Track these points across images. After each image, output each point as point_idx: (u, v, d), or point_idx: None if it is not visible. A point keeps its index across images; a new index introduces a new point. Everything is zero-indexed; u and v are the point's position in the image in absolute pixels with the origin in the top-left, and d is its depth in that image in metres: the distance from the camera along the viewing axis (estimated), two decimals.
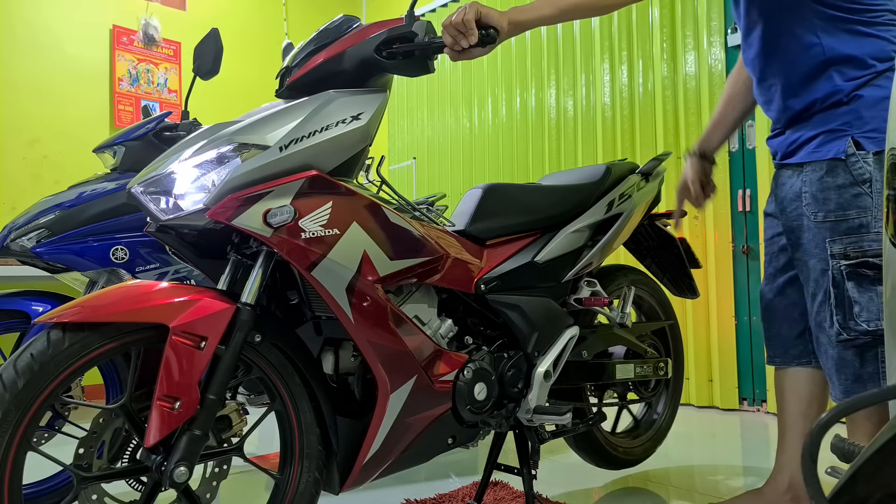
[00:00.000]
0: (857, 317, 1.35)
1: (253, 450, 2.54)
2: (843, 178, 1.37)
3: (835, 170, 1.38)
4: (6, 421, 1.01)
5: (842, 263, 1.37)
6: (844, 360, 1.38)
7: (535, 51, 4.05)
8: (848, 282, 1.36)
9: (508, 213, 1.63)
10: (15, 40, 3.77)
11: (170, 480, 1.10)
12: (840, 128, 1.38)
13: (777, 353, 1.63)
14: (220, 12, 4.65)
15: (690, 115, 3.31)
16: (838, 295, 1.38)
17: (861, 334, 1.35)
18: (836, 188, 1.38)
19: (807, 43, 1.41)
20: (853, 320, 1.36)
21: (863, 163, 1.35)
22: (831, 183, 1.38)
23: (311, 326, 1.48)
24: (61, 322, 1.06)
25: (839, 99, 1.38)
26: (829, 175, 1.39)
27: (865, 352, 1.36)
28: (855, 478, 0.49)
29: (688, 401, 3.28)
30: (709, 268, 3.23)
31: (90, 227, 1.90)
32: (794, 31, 1.43)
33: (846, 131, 1.37)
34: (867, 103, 1.36)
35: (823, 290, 1.41)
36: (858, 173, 1.35)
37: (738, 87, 1.74)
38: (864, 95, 1.36)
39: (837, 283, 1.38)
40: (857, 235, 1.36)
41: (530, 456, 1.60)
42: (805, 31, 1.41)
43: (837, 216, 1.38)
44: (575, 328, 1.67)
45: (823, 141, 1.40)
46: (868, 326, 1.34)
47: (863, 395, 0.53)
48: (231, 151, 1.20)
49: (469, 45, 1.30)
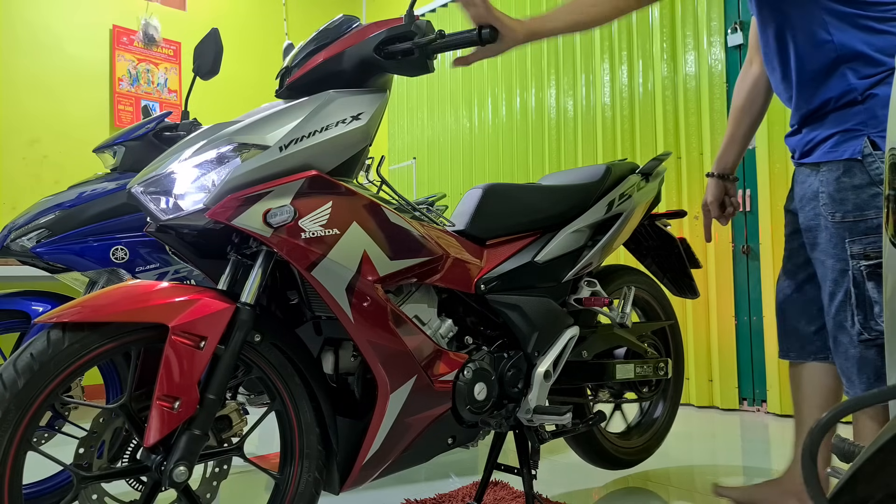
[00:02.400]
0: (878, 317, 1.35)
1: (253, 450, 2.54)
2: (860, 179, 1.36)
3: (851, 170, 1.37)
4: (6, 420, 1.01)
5: (862, 264, 1.36)
6: (866, 359, 1.38)
7: (535, 51, 4.05)
8: (868, 282, 1.36)
9: (508, 213, 1.63)
10: (15, 40, 3.77)
11: (169, 480, 1.10)
12: (856, 127, 1.37)
13: (793, 348, 1.64)
14: (220, 12, 4.65)
15: (690, 115, 3.31)
16: (859, 295, 1.37)
17: (882, 334, 1.35)
18: (854, 188, 1.37)
19: (819, 40, 1.40)
20: (874, 320, 1.35)
21: (879, 162, 1.34)
22: (848, 183, 1.38)
23: (311, 326, 1.48)
24: (61, 322, 1.06)
25: (854, 98, 1.38)
26: (846, 175, 1.38)
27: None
28: (855, 478, 0.49)
29: (688, 401, 3.28)
30: (709, 268, 3.23)
31: (90, 227, 1.90)
32: (804, 27, 1.42)
33: (862, 131, 1.36)
34: (882, 102, 1.35)
35: (844, 290, 1.40)
36: (875, 173, 1.34)
37: (743, 99, 1.74)
38: (879, 94, 1.35)
39: (858, 283, 1.37)
40: (876, 235, 1.35)
41: (530, 456, 1.60)
42: (816, 28, 1.40)
43: (856, 216, 1.37)
44: (575, 328, 1.67)
45: (839, 141, 1.40)
46: None
47: (863, 395, 0.53)
48: (231, 151, 1.20)
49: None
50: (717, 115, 3.22)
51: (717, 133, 3.22)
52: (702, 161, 3.28)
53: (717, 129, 3.22)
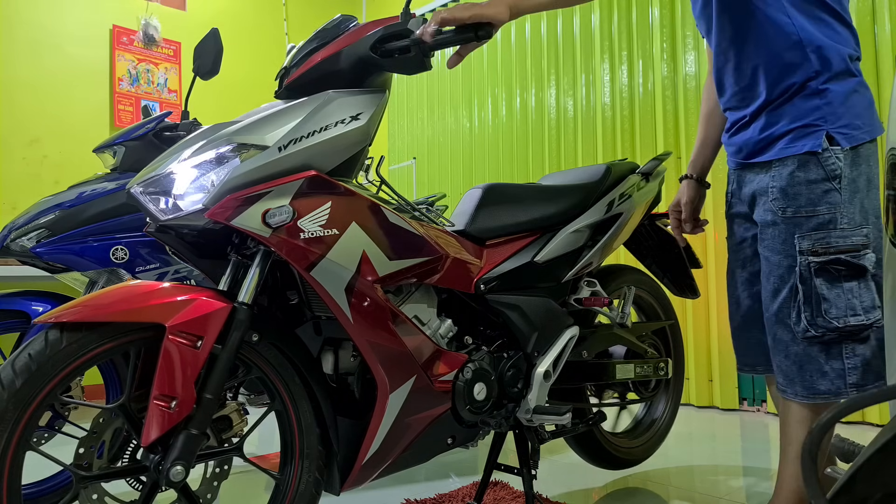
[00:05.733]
0: (826, 313, 1.35)
1: (253, 450, 2.54)
2: (814, 174, 1.36)
3: (807, 165, 1.37)
4: (4, 420, 1.01)
5: (811, 259, 1.36)
6: (810, 356, 1.38)
7: (535, 51, 4.05)
8: (816, 278, 1.36)
9: (508, 213, 1.63)
10: (15, 40, 3.77)
11: (166, 480, 1.10)
12: (815, 122, 1.37)
13: (760, 362, 1.59)
14: (220, 12, 4.65)
15: (690, 115, 3.30)
16: (806, 291, 1.37)
17: (829, 331, 1.35)
18: (807, 183, 1.37)
19: (779, 22, 1.39)
20: (822, 316, 1.35)
21: (835, 158, 1.35)
22: (802, 178, 1.37)
23: (311, 326, 1.48)
24: (60, 322, 1.06)
25: (815, 89, 1.37)
26: (800, 170, 1.38)
27: (831, 348, 1.37)
28: (855, 478, 0.49)
29: (688, 401, 3.28)
30: (709, 268, 3.23)
31: (90, 227, 1.90)
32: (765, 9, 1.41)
33: (821, 126, 1.36)
34: (840, 97, 1.36)
35: (789, 286, 1.40)
36: (830, 169, 1.35)
37: (713, 102, 1.70)
38: (837, 90, 1.36)
39: (805, 279, 1.37)
40: (825, 231, 1.36)
41: (530, 456, 1.60)
42: (776, 12, 1.39)
43: (808, 212, 1.37)
44: (575, 328, 1.67)
45: (797, 136, 1.39)
46: (837, 323, 1.34)
47: (863, 395, 0.53)
48: (230, 151, 1.20)
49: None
50: None
51: None
52: None
53: None
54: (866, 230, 1.35)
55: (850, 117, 1.36)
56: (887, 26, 2.72)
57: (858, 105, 1.37)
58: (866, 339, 1.36)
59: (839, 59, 1.36)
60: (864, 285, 1.35)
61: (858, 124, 1.36)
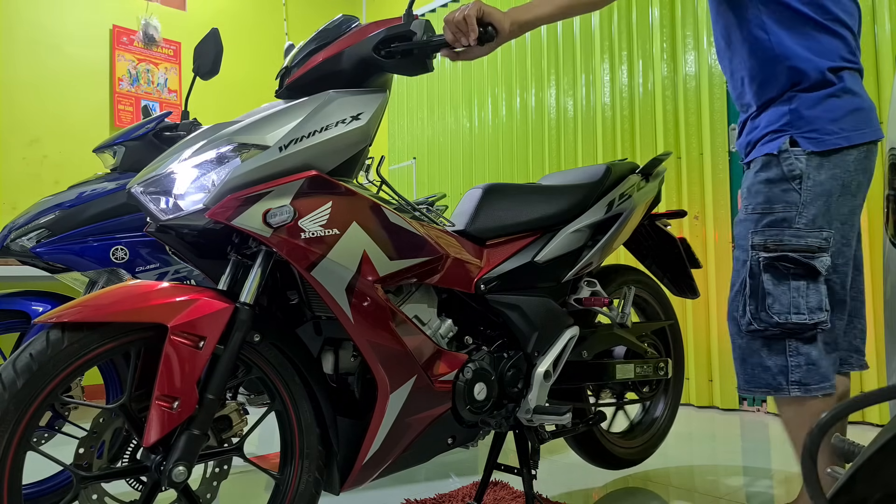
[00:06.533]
0: (770, 308, 1.38)
1: (253, 450, 2.54)
2: (774, 173, 1.40)
3: (769, 164, 1.41)
4: (5, 421, 1.01)
5: (761, 255, 1.40)
6: (752, 349, 1.42)
7: (535, 51, 4.05)
8: (764, 273, 1.39)
9: (508, 213, 1.63)
10: (15, 40, 3.77)
11: (168, 480, 1.10)
12: (782, 128, 1.41)
13: None
14: (220, 12, 4.65)
15: (690, 115, 3.31)
16: (753, 285, 1.41)
17: (771, 326, 1.38)
18: (767, 182, 1.41)
19: (757, 38, 1.43)
20: (765, 311, 1.38)
21: (794, 159, 1.38)
22: (763, 177, 1.42)
23: (311, 326, 1.48)
24: (60, 322, 1.06)
25: (788, 97, 1.41)
26: (763, 170, 1.43)
27: (773, 343, 1.40)
28: (855, 478, 0.49)
29: (688, 401, 3.28)
30: (709, 268, 3.23)
31: (90, 227, 1.90)
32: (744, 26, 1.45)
33: (787, 131, 1.40)
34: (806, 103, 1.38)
35: (741, 280, 1.44)
36: (789, 169, 1.38)
37: None
38: (803, 97, 1.39)
39: (754, 273, 1.41)
40: (779, 229, 1.39)
41: (530, 456, 1.60)
42: (754, 28, 1.43)
43: (764, 209, 1.41)
44: (575, 328, 1.67)
45: (767, 140, 1.44)
46: (779, 319, 1.37)
47: (863, 395, 0.53)
48: (231, 151, 1.20)
49: (469, 43, 1.30)
50: (717, 115, 3.22)
51: (717, 133, 3.22)
52: (702, 161, 3.28)
53: (717, 129, 3.22)
54: (826, 234, 1.37)
55: (821, 123, 1.38)
56: (887, 26, 2.72)
57: (836, 111, 1.38)
58: (812, 340, 1.39)
59: (816, 72, 1.38)
60: (814, 287, 1.37)
61: (832, 129, 1.37)
